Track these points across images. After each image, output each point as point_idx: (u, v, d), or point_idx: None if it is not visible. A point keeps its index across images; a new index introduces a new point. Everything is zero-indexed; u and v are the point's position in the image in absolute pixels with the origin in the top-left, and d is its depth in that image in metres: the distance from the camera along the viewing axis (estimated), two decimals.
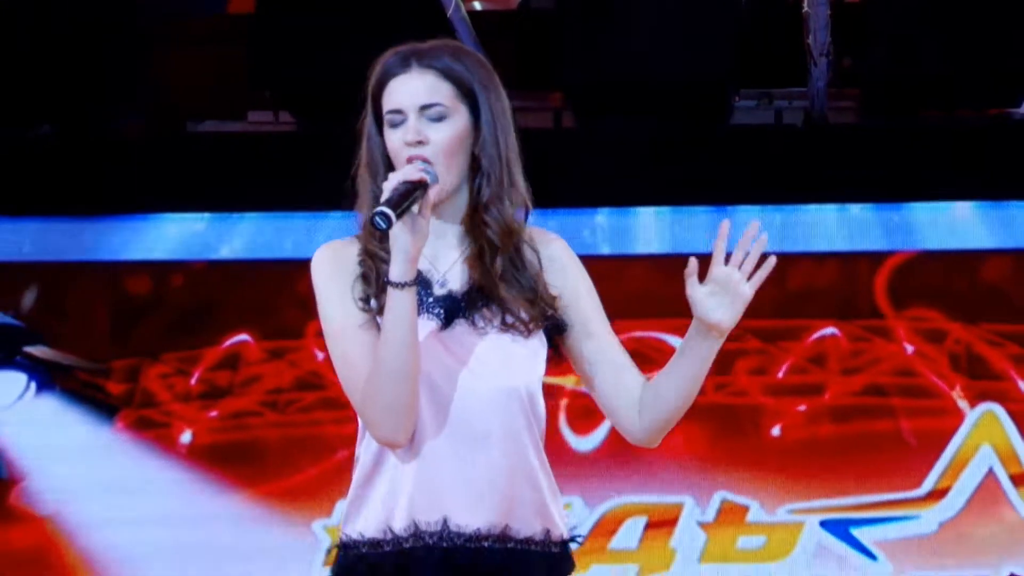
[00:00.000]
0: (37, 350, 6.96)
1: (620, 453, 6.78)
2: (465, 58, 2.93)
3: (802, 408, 6.82)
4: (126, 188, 6.86)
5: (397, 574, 2.88)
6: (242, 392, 6.85)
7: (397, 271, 2.79)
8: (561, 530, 2.92)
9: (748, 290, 2.86)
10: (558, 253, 2.97)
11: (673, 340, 6.79)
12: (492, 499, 2.86)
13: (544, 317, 2.93)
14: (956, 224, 6.82)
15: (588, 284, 3.00)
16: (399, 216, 2.77)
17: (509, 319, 2.90)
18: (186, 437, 6.90)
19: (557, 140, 6.88)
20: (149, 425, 6.92)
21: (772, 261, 2.88)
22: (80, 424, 6.94)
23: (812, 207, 6.79)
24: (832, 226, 6.81)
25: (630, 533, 6.72)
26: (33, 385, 6.95)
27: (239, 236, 7.00)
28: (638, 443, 3.01)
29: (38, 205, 6.93)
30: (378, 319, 2.88)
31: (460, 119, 2.89)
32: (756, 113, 6.84)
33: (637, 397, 2.94)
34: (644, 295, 6.86)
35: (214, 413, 6.88)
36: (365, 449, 2.93)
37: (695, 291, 2.85)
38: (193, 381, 6.91)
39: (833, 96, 6.66)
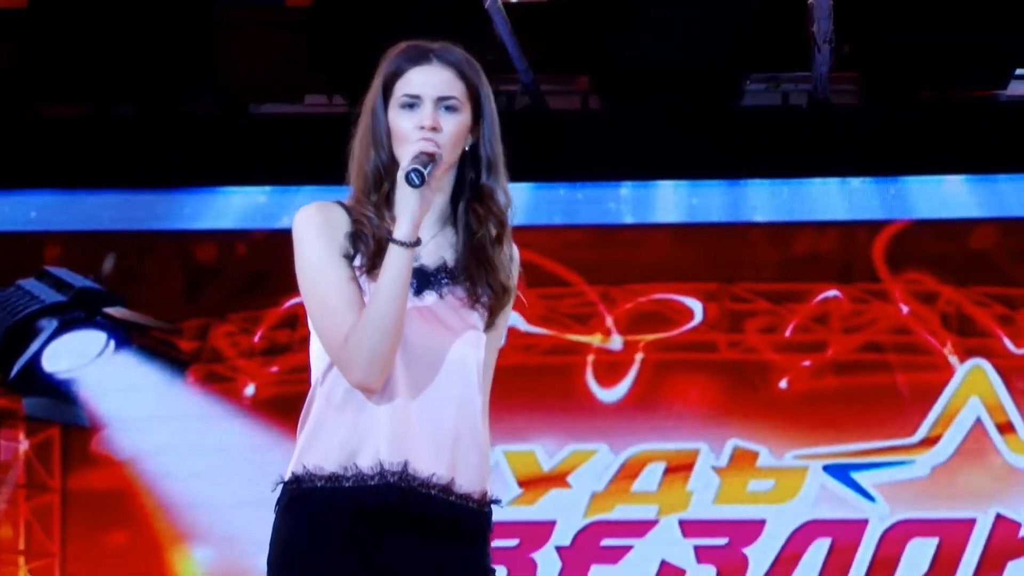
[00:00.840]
0: (115, 311, 7.00)
1: (642, 404, 6.83)
2: (474, 65, 2.96)
3: (807, 363, 6.85)
4: (196, 164, 6.89)
5: (353, 509, 2.86)
6: (300, 348, 6.65)
7: (403, 231, 2.81)
8: (491, 494, 2.93)
9: None
10: (517, 258, 2.99)
11: (690, 302, 6.78)
12: (446, 454, 2.87)
13: (501, 308, 2.93)
14: (947, 196, 6.86)
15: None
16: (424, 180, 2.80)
17: (480, 296, 2.91)
18: (250, 390, 6.96)
19: (584, 121, 6.91)
20: (216, 379, 6.99)
21: None
22: (154, 378, 7.01)
23: (816, 180, 6.81)
24: (834, 198, 6.85)
25: (651, 477, 6.77)
26: (112, 343, 7.00)
27: (297, 208, 6.95)
28: None
29: (117, 179, 6.93)
30: (359, 276, 2.87)
31: (466, 115, 2.91)
32: (765, 96, 6.82)
33: None
34: (663, 261, 6.81)
35: (275, 368, 6.95)
36: (330, 389, 2.90)
37: None
38: (256, 339, 6.97)
39: (835, 80, 6.63)
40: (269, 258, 6.92)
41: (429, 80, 2.89)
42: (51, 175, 6.91)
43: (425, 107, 2.87)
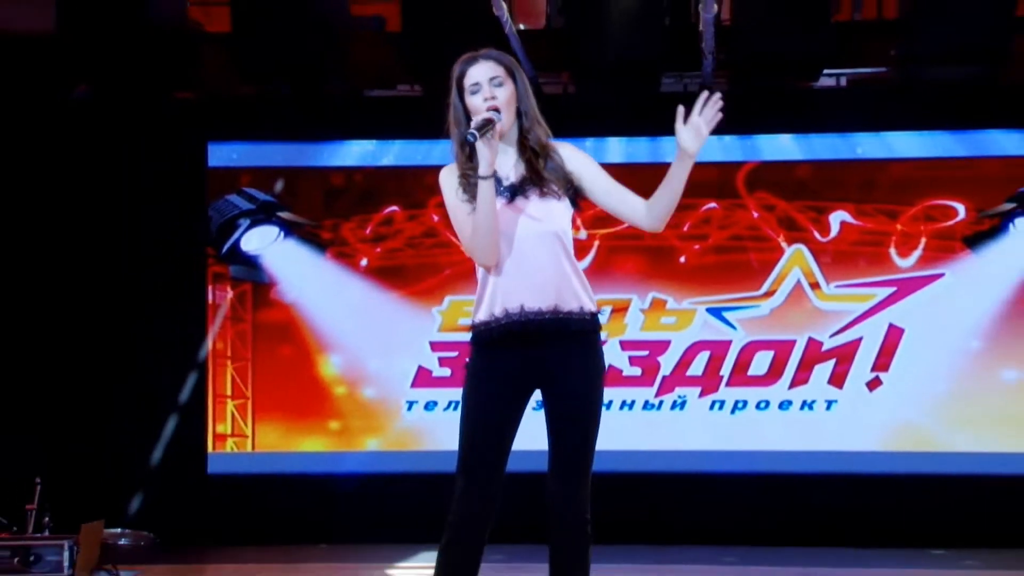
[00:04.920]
0: (284, 214, 7.61)
1: (599, 271, 7.36)
2: (507, 56, 3.31)
3: (697, 247, 7.52)
4: (330, 125, 7.56)
5: (499, 336, 3.22)
6: (394, 238, 7.56)
7: (482, 170, 3.13)
8: (590, 307, 3.25)
9: (706, 131, 3.16)
10: (569, 152, 3.33)
11: None
12: (544, 292, 3.19)
13: (567, 188, 3.24)
14: (782, 146, 7.52)
15: (591, 160, 3.31)
16: (480, 136, 3.12)
17: (546, 190, 3.21)
18: (364, 262, 7.58)
19: (566, 101, 7.57)
20: (344, 255, 7.61)
21: (719, 113, 3.10)
22: (307, 255, 7.62)
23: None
24: (714, 146, 7.39)
25: (603, 315, 6.09)
26: (282, 233, 7.61)
27: (392, 152, 7.59)
28: (652, 229, 3.26)
29: (283, 135, 7.59)
30: (470, 205, 3.20)
31: (510, 86, 3.24)
32: (673, 85, 7.48)
33: (639, 207, 3.25)
34: None
35: (379, 249, 7.56)
36: (479, 275, 3.24)
37: (679, 128, 3.17)
38: (367, 232, 7.58)
39: (716, 75, 7.24)
40: (375, 183, 7.55)
41: (481, 71, 3.24)
42: (244, 132, 7.56)
43: (484, 87, 3.21)
